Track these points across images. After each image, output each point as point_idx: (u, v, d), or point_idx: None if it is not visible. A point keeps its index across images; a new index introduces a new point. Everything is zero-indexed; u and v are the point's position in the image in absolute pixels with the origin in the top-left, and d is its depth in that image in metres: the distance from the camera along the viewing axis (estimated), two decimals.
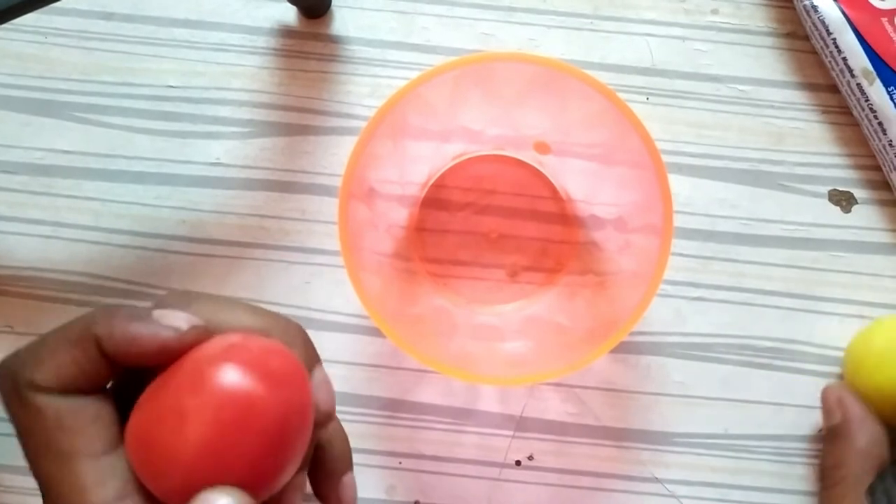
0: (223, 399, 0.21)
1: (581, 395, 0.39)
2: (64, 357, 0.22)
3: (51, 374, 0.22)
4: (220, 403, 0.21)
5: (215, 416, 0.21)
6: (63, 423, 0.22)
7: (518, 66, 0.31)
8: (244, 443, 0.21)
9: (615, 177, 0.35)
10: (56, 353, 0.22)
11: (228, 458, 0.21)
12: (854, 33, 0.39)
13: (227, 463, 0.21)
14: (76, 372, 0.22)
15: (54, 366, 0.22)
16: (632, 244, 0.34)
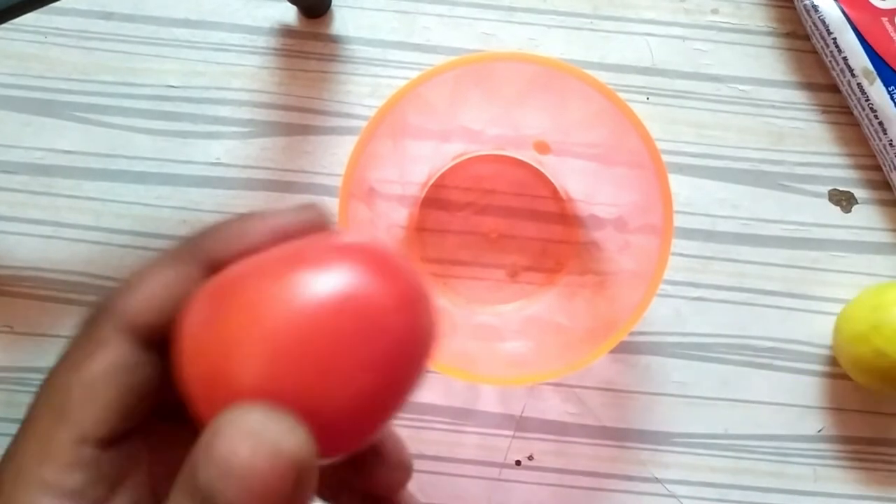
0: (332, 306, 0.16)
1: (581, 395, 0.39)
2: (157, 283, 0.19)
3: (142, 303, 0.19)
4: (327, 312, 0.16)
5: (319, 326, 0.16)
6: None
7: (518, 66, 0.31)
8: (352, 365, 0.16)
9: (615, 177, 0.35)
10: (149, 279, 0.19)
11: (327, 382, 0.16)
12: (854, 33, 0.39)
13: (322, 387, 0.16)
14: (171, 300, 0.19)
15: (146, 294, 0.19)
16: (632, 244, 0.34)
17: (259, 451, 0.15)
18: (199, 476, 0.15)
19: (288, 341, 0.16)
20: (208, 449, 0.15)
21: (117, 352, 0.18)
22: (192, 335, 0.17)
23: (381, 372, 0.16)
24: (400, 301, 0.17)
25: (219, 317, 0.17)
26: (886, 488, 0.39)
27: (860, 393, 0.39)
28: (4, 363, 0.39)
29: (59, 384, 0.18)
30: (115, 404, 0.18)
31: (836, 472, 0.39)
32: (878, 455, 0.39)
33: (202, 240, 0.19)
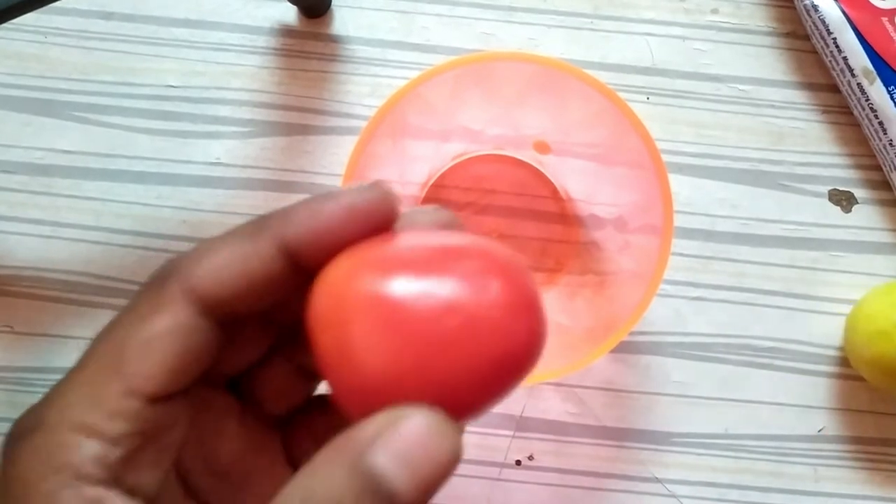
0: (461, 300, 0.17)
1: (581, 395, 0.39)
2: (227, 253, 0.19)
3: (210, 271, 0.19)
4: (457, 304, 0.17)
5: (444, 320, 0.17)
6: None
7: (518, 66, 0.31)
8: (477, 360, 0.17)
9: (615, 177, 0.35)
10: (220, 249, 0.19)
11: (452, 372, 0.17)
12: (854, 33, 0.39)
13: (448, 377, 0.17)
14: (238, 272, 0.19)
15: (215, 263, 0.19)
16: (632, 244, 0.34)
17: (432, 448, 0.16)
18: (369, 459, 0.16)
19: (416, 336, 0.17)
20: (386, 437, 0.16)
21: (179, 314, 0.19)
22: (323, 312, 0.18)
23: (495, 368, 0.18)
24: (517, 304, 0.18)
25: (347, 300, 0.18)
26: (887, 488, 0.39)
27: (861, 393, 0.39)
28: (4, 363, 0.39)
29: (117, 337, 0.19)
30: (169, 364, 0.19)
31: (836, 472, 0.39)
32: (879, 455, 0.39)
33: (275, 219, 0.19)
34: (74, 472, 0.18)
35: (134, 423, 0.18)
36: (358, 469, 0.16)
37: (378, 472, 0.16)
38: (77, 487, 0.18)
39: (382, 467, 0.16)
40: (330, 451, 0.17)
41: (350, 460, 0.16)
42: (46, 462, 0.18)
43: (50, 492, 0.17)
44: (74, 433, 0.18)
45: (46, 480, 0.18)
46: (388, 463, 0.16)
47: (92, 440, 0.18)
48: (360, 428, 0.17)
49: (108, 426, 0.18)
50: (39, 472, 0.18)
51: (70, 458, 0.18)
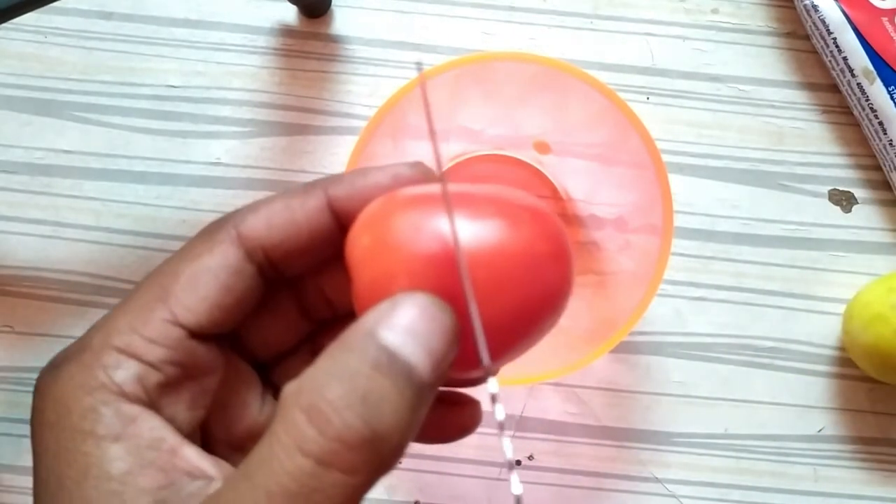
0: (501, 241, 0.19)
1: (581, 395, 0.39)
2: (279, 204, 0.21)
3: (261, 218, 0.20)
4: (498, 245, 0.19)
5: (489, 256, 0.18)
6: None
7: (518, 66, 0.31)
8: (517, 300, 0.19)
9: (615, 177, 0.35)
10: (273, 202, 0.21)
11: (493, 308, 0.18)
12: (854, 33, 0.39)
13: (489, 313, 0.18)
14: (287, 220, 0.20)
15: (266, 212, 0.21)
16: (632, 244, 0.34)
17: (433, 321, 0.17)
18: (378, 337, 0.17)
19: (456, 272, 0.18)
20: (388, 318, 0.17)
21: (227, 254, 0.20)
22: (363, 248, 0.19)
23: (533, 300, 0.19)
24: (553, 250, 0.20)
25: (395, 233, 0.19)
26: (887, 488, 0.39)
27: (861, 393, 0.39)
28: (4, 363, 0.39)
29: (170, 270, 0.20)
30: (213, 299, 0.20)
31: (836, 471, 0.39)
32: (879, 455, 0.39)
33: (326, 179, 0.21)
34: (115, 389, 0.18)
35: (174, 353, 0.19)
36: (368, 349, 0.17)
37: (388, 346, 0.17)
38: (116, 404, 0.18)
39: (391, 341, 0.17)
40: (339, 342, 0.17)
41: (361, 344, 0.17)
42: (87, 380, 0.19)
43: (90, 407, 0.18)
44: (116, 354, 0.19)
45: (87, 397, 0.18)
46: (398, 337, 0.17)
47: (132, 361, 0.19)
48: (362, 318, 0.17)
49: (148, 350, 0.19)
50: (80, 390, 0.18)
51: (110, 377, 0.19)
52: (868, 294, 0.37)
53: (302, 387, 0.17)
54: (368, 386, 0.16)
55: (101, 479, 0.18)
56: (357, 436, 0.16)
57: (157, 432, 0.19)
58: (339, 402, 0.16)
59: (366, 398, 0.16)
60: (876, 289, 0.37)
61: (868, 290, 0.38)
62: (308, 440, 0.16)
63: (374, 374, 0.16)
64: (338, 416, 0.16)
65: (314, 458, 0.16)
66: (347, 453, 0.16)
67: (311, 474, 0.16)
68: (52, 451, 0.18)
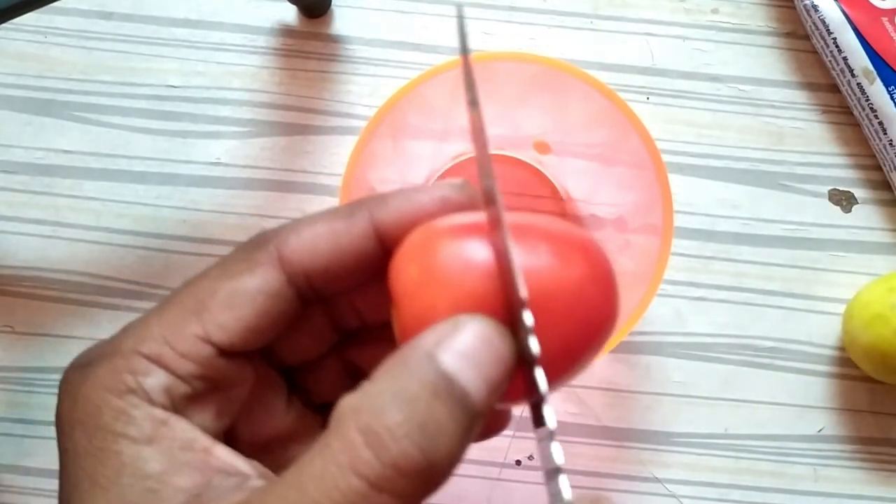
0: (551, 273, 0.19)
1: (581, 395, 0.39)
2: (323, 227, 0.20)
3: (305, 241, 0.20)
4: (547, 277, 0.19)
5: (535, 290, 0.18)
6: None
7: (518, 66, 0.31)
8: (557, 325, 0.19)
9: (615, 177, 0.35)
10: (315, 223, 0.20)
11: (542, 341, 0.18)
12: (854, 33, 0.39)
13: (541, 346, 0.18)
14: (332, 245, 0.20)
15: (310, 234, 0.20)
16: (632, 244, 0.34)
17: (493, 348, 0.17)
18: (437, 361, 0.17)
19: (503, 302, 0.18)
20: (449, 340, 0.17)
21: (269, 277, 0.20)
22: (409, 283, 0.19)
23: (581, 337, 0.19)
24: (603, 286, 0.20)
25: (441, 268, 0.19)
26: (887, 488, 0.39)
27: (861, 392, 0.39)
28: (4, 363, 0.39)
29: (208, 285, 0.20)
30: (248, 321, 0.20)
31: (836, 472, 0.39)
32: (879, 455, 0.39)
33: (372, 202, 0.21)
34: (145, 395, 0.19)
35: (203, 369, 0.19)
36: (427, 372, 0.17)
37: (447, 372, 0.17)
38: (148, 408, 0.19)
39: (450, 367, 0.17)
40: (398, 359, 0.17)
41: (420, 365, 0.17)
42: (117, 384, 0.19)
43: (121, 409, 0.18)
44: (146, 362, 0.19)
45: (118, 399, 0.18)
46: (456, 363, 0.17)
47: (161, 371, 0.19)
48: (421, 337, 0.17)
49: (178, 364, 0.19)
50: (111, 392, 0.19)
51: (140, 383, 0.19)
52: (868, 294, 0.37)
53: (361, 406, 0.17)
54: (427, 414, 0.16)
55: (136, 477, 0.18)
56: (413, 465, 0.16)
57: (188, 433, 0.19)
58: (397, 430, 0.16)
59: (424, 427, 0.16)
60: (876, 289, 0.37)
61: (868, 290, 0.38)
62: (363, 463, 0.16)
63: (432, 402, 0.16)
64: (396, 443, 0.16)
65: (368, 481, 0.16)
66: (400, 480, 0.16)
67: (362, 495, 0.16)
68: (84, 449, 0.18)
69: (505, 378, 0.17)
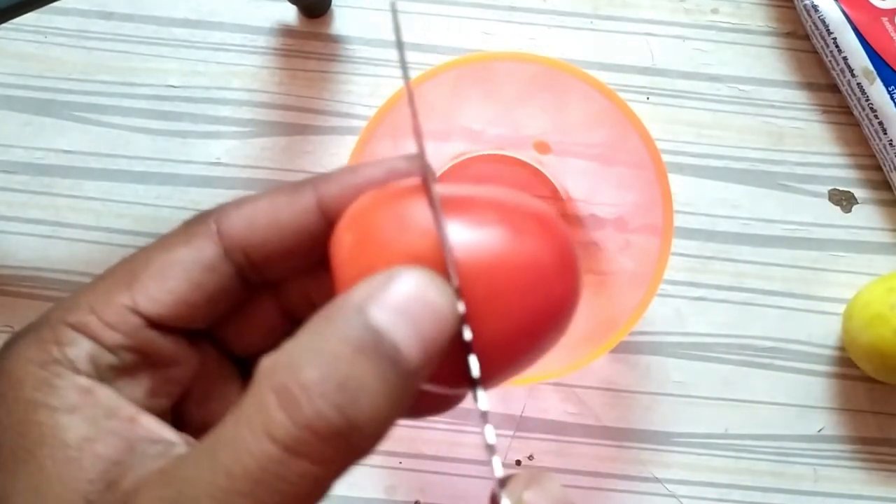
0: (507, 254, 0.17)
1: (581, 395, 0.39)
2: (265, 202, 0.20)
3: (244, 215, 0.19)
4: (498, 258, 0.17)
5: (488, 269, 0.17)
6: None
7: (518, 66, 0.31)
8: (512, 306, 0.17)
9: (615, 177, 0.35)
10: (258, 200, 0.20)
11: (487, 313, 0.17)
12: (854, 33, 0.39)
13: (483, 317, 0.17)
14: (271, 219, 0.19)
15: (251, 209, 0.20)
16: (632, 244, 0.34)
17: (428, 302, 0.16)
18: (366, 315, 0.15)
19: (466, 279, 0.17)
20: (380, 294, 0.16)
21: (202, 248, 0.19)
22: (347, 254, 0.18)
23: (535, 317, 0.17)
24: (560, 261, 0.18)
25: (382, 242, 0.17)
26: (887, 488, 0.39)
27: (861, 392, 0.39)
28: None
29: (143, 256, 0.19)
30: (180, 293, 0.19)
31: (836, 471, 0.39)
32: (879, 455, 0.39)
33: (316, 178, 0.20)
34: (69, 364, 0.18)
35: (131, 340, 0.19)
36: (353, 327, 0.15)
37: (375, 326, 0.15)
38: (72, 377, 0.18)
39: (380, 321, 0.15)
40: (323, 314, 0.16)
41: (346, 320, 0.15)
42: (40, 355, 0.18)
43: (43, 379, 0.18)
44: (71, 331, 0.18)
45: (40, 370, 0.18)
46: (386, 317, 0.15)
47: (87, 340, 0.18)
48: (353, 290, 0.16)
49: (104, 333, 0.18)
50: (32, 363, 0.18)
51: (64, 353, 0.18)
52: (868, 294, 0.37)
53: (277, 363, 0.15)
54: (348, 370, 0.15)
55: (56, 447, 0.17)
56: (329, 426, 0.15)
57: (113, 401, 0.18)
58: (313, 388, 0.15)
59: (343, 385, 0.15)
60: (876, 289, 0.37)
61: (868, 290, 0.38)
62: (276, 425, 0.15)
63: (355, 357, 0.15)
64: (310, 403, 0.15)
65: (281, 445, 0.15)
66: (318, 443, 0.15)
67: (277, 461, 0.15)
68: (4, 423, 0.18)
69: (443, 337, 0.16)
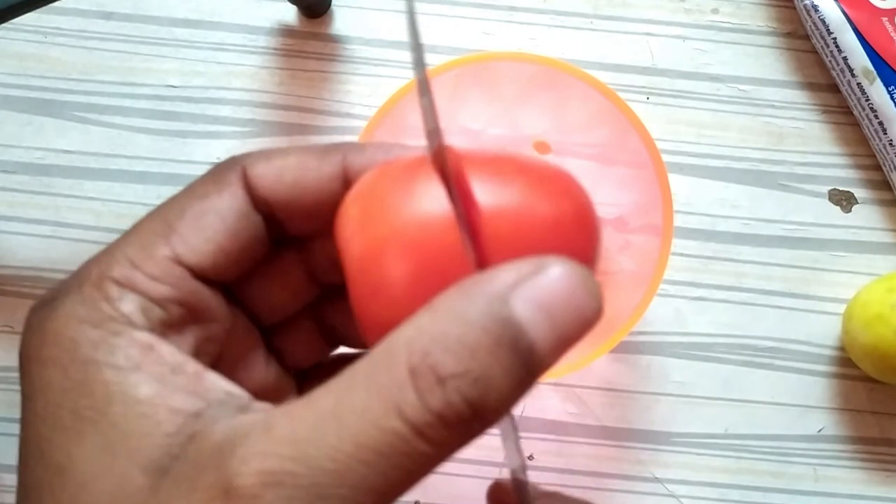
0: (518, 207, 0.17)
1: (581, 395, 0.39)
2: (293, 159, 0.20)
3: (272, 169, 0.19)
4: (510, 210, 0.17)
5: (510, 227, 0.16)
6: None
7: (518, 66, 0.31)
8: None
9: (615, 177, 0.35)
10: (288, 155, 0.20)
11: None
12: (854, 33, 0.39)
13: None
14: (297, 178, 0.19)
15: (280, 163, 0.20)
16: (632, 244, 0.34)
17: (576, 301, 0.15)
18: (509, 305, 0.15)
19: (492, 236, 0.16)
20: (528, 284, 0.15)
21: (236, 197, 0.19)
22: (355, 224, 0.18)
23: None
24: (580, 219, 0.18)
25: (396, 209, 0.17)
26: (887, 488, 0.39)
27: (861, 392, 0.39)
28: (5, 363, 0.39)
29: (177, 206, 0.19)
30: (219, 242, 0.19)
31: (836, 471, 0.39)
32: (879, 455, 0.39)
33: (348, 146, 0.20)
34: (125, 319, 0.17)
35: (178, 292, 0.18)
36: (495, 317, 0.15)
37: (518, 321, 0.15)
38: (128, 334, 0.17)
39: (522, 315, 0.15)
40: (465, 291, 0.15)
41: (489, 306, 0.15)
42: (91, 313, 0.17)
43: (102, 338, 0.17)
44: (118, 287, 0.17)
45: (94, 330, 0.17)
46: (529, 312, 0.15)
47: (136, 294, 0.18)
48: (499, 271, 0.15)
49: (151, 286, 0.18)
50: (85, 323, 0.17)
51: (117, 309, 0.17)
52: (868, 294, 0.37)
53: (415, 342, 0.15)
54: (484, 367, 0.15)
55: (127, 404, 0.16)
56: (458, 417, 0.15)
57: (177, 357, 0.17)
58: (450, 380, 0.15)
59: (478, 381, 0.15)
60: (876, 289, 0.37)
61: (868, 290, 0.38)
62: (409, 405, 0.15)
63: (493, 350, 0.15)
64: (444, 393, 0.15)
65: (410, 424, 0.15)
66: (442, 429, 0.15)
67: (403, 438, 0.15)
68: (60, 385, 0.17)
69: (581, 335, 0.15)
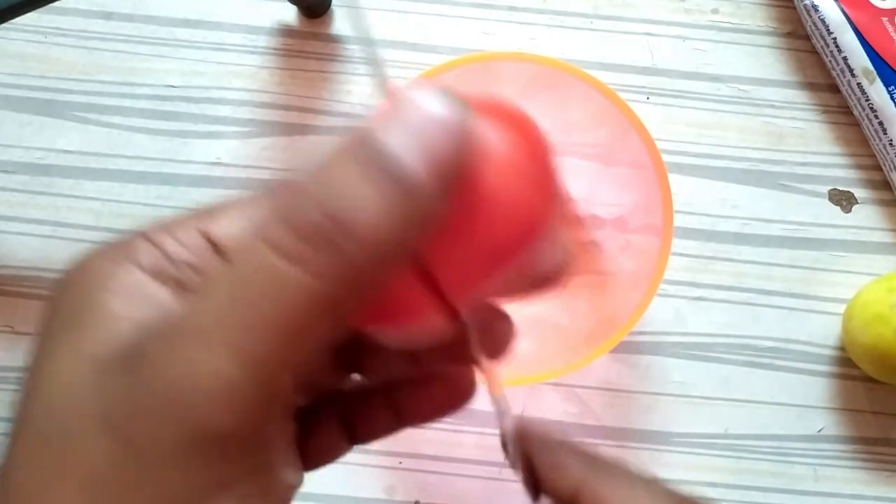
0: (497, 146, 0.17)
1: (581, 395, 0.39)
2: None
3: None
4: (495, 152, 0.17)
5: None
6: None
7: (518, 66, 0.31)
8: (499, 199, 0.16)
9: (615, 177, 0.35)
10: None
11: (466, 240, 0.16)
12: (854, 33, 0.39)
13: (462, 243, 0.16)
14: None
15: None
16: (632, 244, 0.34)
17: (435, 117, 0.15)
18: (376, 136, 0.15)
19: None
20: (391, 116, 0.15)
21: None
22: None
23: (512, 220, 0.17)
24: (538, 162, 0.18)
25: None
26: (887, 488, 0.39)
27: (861, 392, 0.39)
28: (4, 363, 0.39)
29: (221, 203, 0.20)
30: (244, 227, 0.19)
31: (836, 471, 0.39)
32: (879, 455, 0.39)
33: None
34: (134, 261, 0.19)
35: (196, 259, 0.19)
36: (363, 148, 0.15)
37: (379, 144, 0.15)
38: (132, 271, 0.18)
39: (386, 141, 0.15)
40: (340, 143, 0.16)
41: (358, 142, 0.15)
42: (114, 254, 0.19)
43: (108, 269, 0.19)
44: (143, 241, 0.19)
45: (108, 263, 0.19)
46: (391, 136, 0.15)
47: (155, 249, 0.19)
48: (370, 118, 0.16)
49: (172, 246, 0.19)
50: (107, 260, 0.19)
51: (133, 255, 0.19)
52: (868, 294, 0.37)
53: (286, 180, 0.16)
54: (344, 182, 0.15)
55: (107, 318, 0.18)
56: (318, 231, 0.15)
57: (167, 303, 0.18)
58: (306, 199, 0.15)
59: (339, 195, 0.15)
60: (876, 289, 0.37)
61: (868, 290, 0.38)
62: (270, 229, 0.15)
63: (357, 173, 0.15)
64: (302, 209, 0.15)
65: (274, 247, 0.15)
66: (309, 250, 0.15)
67: (272, 266, 0.15)
68: (62, 301, 0.19)
69: (453, 152, 0.15)
